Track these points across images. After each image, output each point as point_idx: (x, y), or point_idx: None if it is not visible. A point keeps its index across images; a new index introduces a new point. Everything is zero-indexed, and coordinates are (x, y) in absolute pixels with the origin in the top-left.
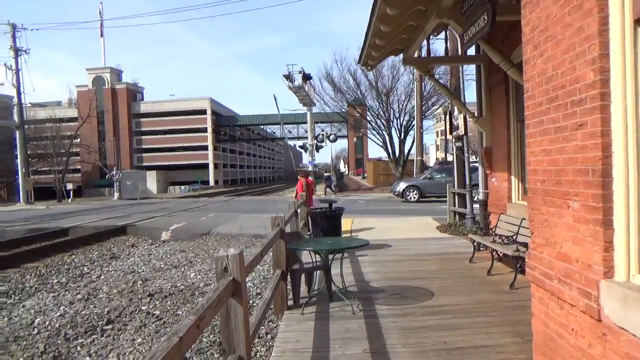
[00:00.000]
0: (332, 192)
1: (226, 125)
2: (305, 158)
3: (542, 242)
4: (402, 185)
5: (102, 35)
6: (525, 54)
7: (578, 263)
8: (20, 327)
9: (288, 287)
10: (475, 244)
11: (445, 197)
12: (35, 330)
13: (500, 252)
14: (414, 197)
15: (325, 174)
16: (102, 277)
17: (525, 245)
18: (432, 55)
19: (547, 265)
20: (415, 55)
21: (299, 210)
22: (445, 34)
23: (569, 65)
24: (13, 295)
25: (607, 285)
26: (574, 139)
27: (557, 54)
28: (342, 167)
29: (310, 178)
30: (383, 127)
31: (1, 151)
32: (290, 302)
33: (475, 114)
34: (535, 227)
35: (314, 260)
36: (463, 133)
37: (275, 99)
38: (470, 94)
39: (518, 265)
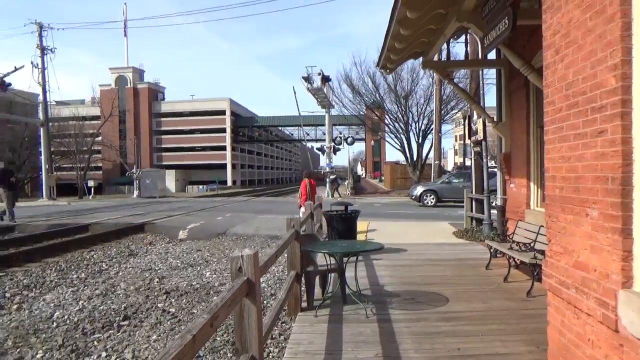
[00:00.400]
0: (338, 195)
1: (245, 126)
2: (323, 160)
3: (559, 250)
4: (419, 190)
5: (125, 35)
6: (546, 59)
7: (596, 272)
8: (40, 320)
9: (302, 288)
10: (492, 250)
11: (463, 202)
12: (55, 324)
13: (518, 260)
14: (431, 202)
15: (331, 177)
16: (120, 273)
17: (543, 252)
18: (452, 58)
19: (564, 273)
20: (435, 58)
21: (314, 213)
22: (466, 37)
23: (590, 71)
24: (34, 289)
25: (626, 296)
26: (593, 146)
27: (578, 59)
28: (359, 170)
29: (312, 179)
30: (401, 131)
31: (26, 147)
32: (304, 304)
33: (495, 119)
34: (553, 235)
35: (328, 262)
36: (482, 138)
37: (295, 92)
38: (489, 99)
39: (535, 273)
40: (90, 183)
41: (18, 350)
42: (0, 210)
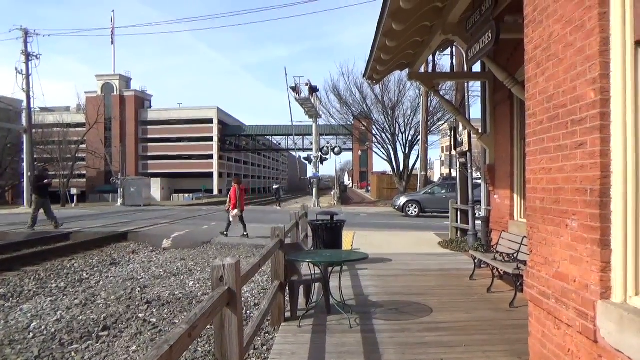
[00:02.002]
0: (278, 206)
1: (232, 134)
2: (310, 170)
3: (540, 261)
4: (402, 200)
5: (112, 42)
6: (528, 72)
7: (575, 283)
8: (16, 331)
9: (286, 298)
10: (476, 260)
11: (446, 212)
12: (31, 335)
13: (501, 270)
14: (414, 212)
15: (275, 186)
16: (101, 282)
17: (526, 263)
18: (438, 70)
19: (545, 284)
20: (422, 70)
21: (300, 222)
22: (451, 50)
23: (570, 84)
24: (11, 299)
25: (604, 307)
26: (573, 158)
27: (559, 72)
28: (347, 180)
29: (242, 185)
30: (388, 141)
31: (9, 154)
32: (287, 314)
33: (480, 131)
34: (534, 245)
35: (312, 272)
36: (467, 149)
37: (286, 73)
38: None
39: (518, 284)
40: (73, 191)
41: None
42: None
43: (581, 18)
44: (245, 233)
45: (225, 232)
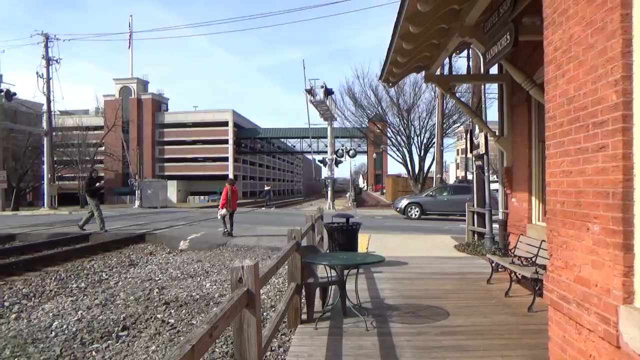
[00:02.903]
0: (265, 206)
1: (247, 137)
2: (324, 172)
3: (560, 265)
4: (404, 202)
5: (130, 46)
6: (547, 74)
7: (597, 287)
8: (38, 330)
9: (302, 301)
10: (493, 264)
11: (448, 215)
12: (53, 334)
13: (519, 274)
14: (416, 214)
15: (266, 188)
16: (120, 283)
17: (545, 267)
18: (454, 73)
19: (566, 288)
20: (437, 72)
21: (316, 225)
22: (468, 52)
23: (591, 86)
24: (33, 298)
25: (627, 311)
26: (594, 161)
27: (580, 74)
28: (361, 183)
29: (235, 186)
30: (403, 144)
31: (29, 157)
32: (304, 316)
33: (497, 133)
34: (554, 249)
35: (329, 275)
36: (484, 152)
37: (304, 66)
38: (491, 113)
39: (537, 288)
40: None
41: (15, 359)
42: (88, 217)
43: (603, 19)
44: (225, 230)
45: (227, 231)
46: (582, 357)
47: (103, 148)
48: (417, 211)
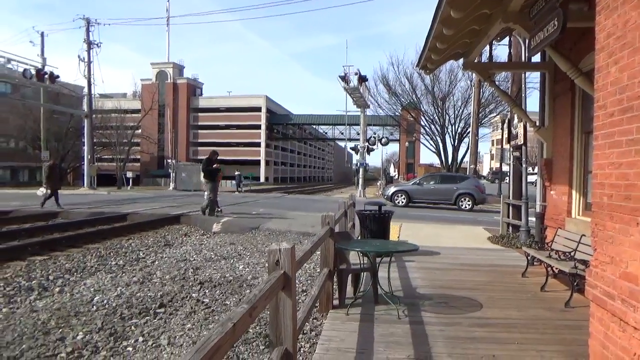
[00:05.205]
0: (239, 191)
1: (279, 123)
2: (355, 160)
3: (605, 260)
4: (391, 190)
5: (167, 30)
6: (598, 62)
7: None
8: (80, 304)
9: (334, 286)
10: (529, 257)
11: (434, 203)
12: (94, 308)
13: (556, 269)
14: (402, 202)
15: (236, 173)
16: (156, 262)
17: (584, 262)
18: (493, 61)
19: (610, 284)
20: (476, 60)
21: (348, 211)
22: (509, 39)
23: None
24: (75, 273)
25: None
26: None
27: (634, 62)
28: (392, 171)
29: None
30: (437, 133)
31: (70, 138)
32: (335, 302)
33: (537, 123)
34: (599, 244)
35: (361, 262)
36: (522, 143)
37: (347, 46)
38: (531, 103)
39: (575, 284)
40: (129, 174)
41: (60, 330)
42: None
43: None
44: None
45: (216, 209)
46: (626, 355)
47: (140, 131)
48: (404, 199)
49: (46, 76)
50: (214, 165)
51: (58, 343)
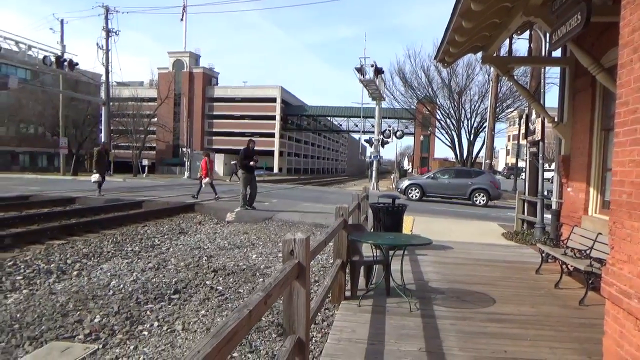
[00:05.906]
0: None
1: (294, 114)
2: (369, 153)
3: (622, 258)
4: (405, 183)
5: (183, 19)
6: (622, 58)
7: None
8: (97, 287)
9: (346, 278)
10: (543, 254)
11: (448, 198)
12: (111, 292)
13: (571, 266)
14: (416, 196)
15: (232, 162)
16: (171, 249)
17: (600, 261)
18: (512, 55)
19: (627, 282)
20: (495, 54)
21: (361, 204)
22: (530, 33)
23: None
24: (92, 258)
25: None
26: None
27: None
28: (406, 165)
29: (211, 158)
30: (452, 127)
31: (88, 125)
32: (347, 293)
33: (556, 119)
34: (616, 242)
35: (374, 254)
36: (539, 138)
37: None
38: (550, 99)
39: (590, 282)
40: (144, 162)
41: (78, 313)
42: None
43: None
44: (217, 196)
45: (195, 196)
46: None
47: (155, 119)
48: (418, 192)
49: (65, 63)
50: (251, 163)
51: (76, 325)
